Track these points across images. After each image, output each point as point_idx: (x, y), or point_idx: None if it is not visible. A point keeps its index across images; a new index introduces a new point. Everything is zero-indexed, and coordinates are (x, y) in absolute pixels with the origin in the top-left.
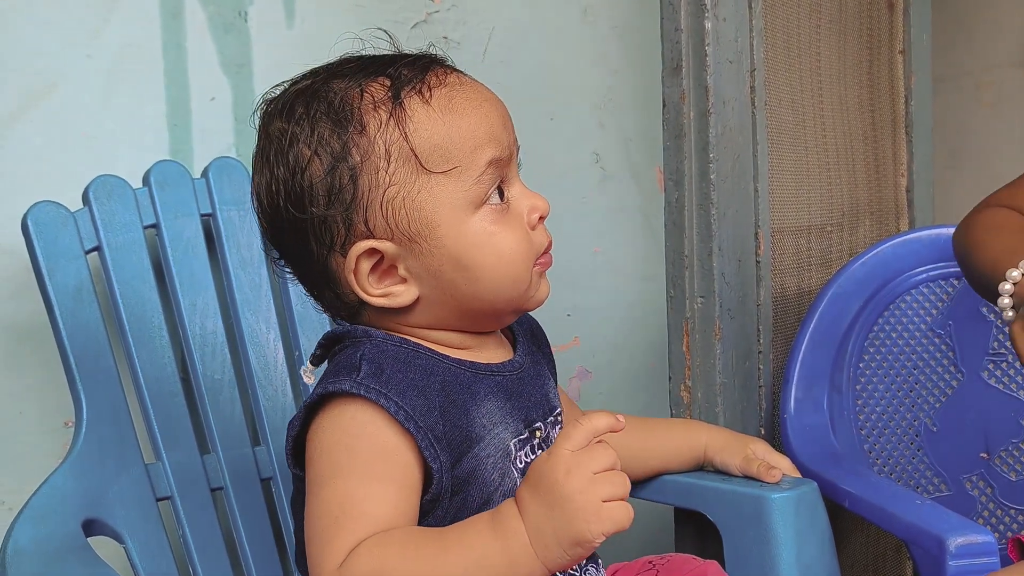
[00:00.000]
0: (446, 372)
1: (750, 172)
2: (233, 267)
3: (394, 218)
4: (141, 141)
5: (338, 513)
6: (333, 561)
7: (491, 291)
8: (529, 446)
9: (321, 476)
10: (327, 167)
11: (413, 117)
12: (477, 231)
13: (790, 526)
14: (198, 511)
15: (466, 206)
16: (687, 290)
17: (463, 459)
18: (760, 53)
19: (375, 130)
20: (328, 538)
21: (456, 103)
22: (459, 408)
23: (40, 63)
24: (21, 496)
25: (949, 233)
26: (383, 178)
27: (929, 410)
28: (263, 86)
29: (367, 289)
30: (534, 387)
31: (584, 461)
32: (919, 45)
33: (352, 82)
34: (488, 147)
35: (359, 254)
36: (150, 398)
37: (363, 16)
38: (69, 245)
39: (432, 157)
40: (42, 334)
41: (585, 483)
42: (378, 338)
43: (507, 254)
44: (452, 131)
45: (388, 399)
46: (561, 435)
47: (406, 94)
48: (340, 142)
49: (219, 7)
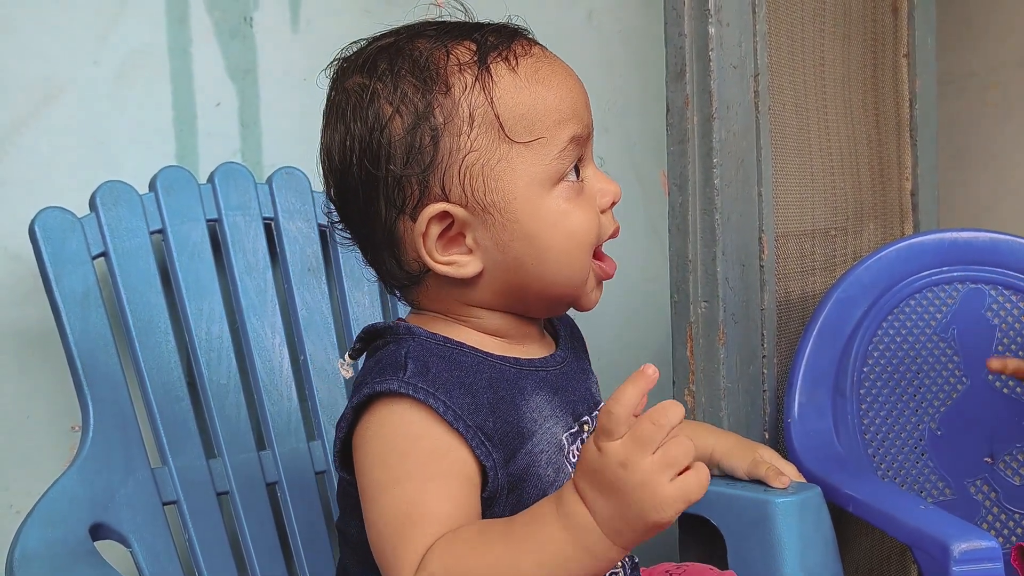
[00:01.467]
0: (492, 369)
1: (754, 176)
2: (239, 272)
3: (471, 185)
4: (147, 146)
5: (403, 519)
6: (406, 569)
7: (554, 273)
8: (579, 440)
9: (378, 483)
10: (408, 125)
11: (499, 83)
12: (552, 209)
13: (794, 531)
14: (204, 515)
15: (544, 181)
16: (691, 294)
17: (516, 455)
18: (764, 58)
19: (460, 92)
20: (396, 546)
21: (542, 74)
22: (508, 404)
23: (47, 69)
24: (28, 500)
25: (954, 237)
26: (464, 142)
27: (933, 414)
28: (269, 91)
29: (433, 255)
30: (578, 381)
31: (635, 449)
32: (923, 48)
33: (437, 43)
34: (571, 122)
35: (431, 216)
36: (156, 403)
37: (369, 21)
38: (76, 250)
39: (516, 126)
40: (49, 339)
41: (645, 473)
42: (421, 336)
43: (578, 234)
44: (537, 102)
45: (436, 399)
46: (600, 429)
47: (492, 59)
48: (424, 101)
49: (225, 13)
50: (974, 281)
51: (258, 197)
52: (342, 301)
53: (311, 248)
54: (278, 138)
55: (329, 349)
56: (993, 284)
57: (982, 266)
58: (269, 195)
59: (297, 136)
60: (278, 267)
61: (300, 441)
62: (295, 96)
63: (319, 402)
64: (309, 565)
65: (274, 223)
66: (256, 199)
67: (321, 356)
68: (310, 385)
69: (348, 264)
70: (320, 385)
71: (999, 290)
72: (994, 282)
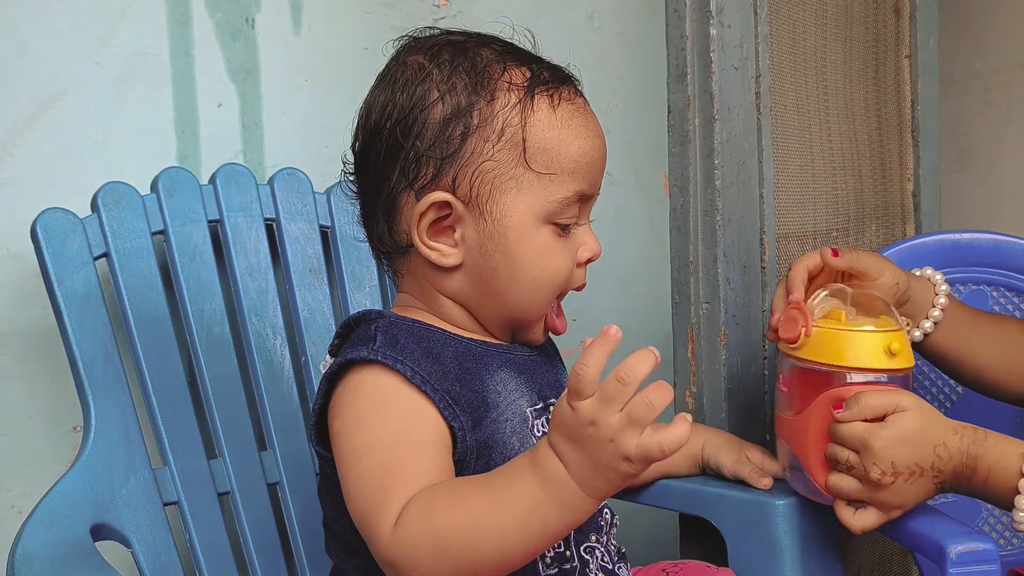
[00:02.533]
0: (458, 344)
1: (755, 178)
2: (240, 273)
3: (478, 188)
4: (149, 148)
5: (382, 476)
6: (387, 525)
7: (518, 295)
8: (545, 417)
9: (355, 447)
10: (446, 114)
11: (536, 113)
12: (537, 242)
13: (794, 532)
14: (205, 515)
15: (540, 215)
16: (692, 296)
17: (482, 423)
18: (765, 59)
19: (501, 106)
20: (378, 504)
21: (575, 124)
22: (473, 375)
23: (49, 70)
24: (30, 500)
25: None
26: (487, 150)
27: None
28: (270, 93)
29: (423, 236)
30: (546, 370)
31: (603, 407)
32: (926, 49)
33: (499, 57)
34: (583, 179)
35: (434, 201)
36: (158, 403)
37: (370, 23)
38: (78, 251)
39: (536, 156)
40: (50, 339)
41: (612, 430)
42: (392, 317)
43: (549, 273)
44: (562, 145)
45: (404, 364)
46: (570, 389)
47: (539, 91)
48: (468, 100)
49: (226, 14)
50: (976, 282)
51: (259, 198)
52: (343, 302)
53: (312, 249)
54: (279, 139)
55: None
56: (995, 286)
57: (984, 267)
58: (271, 196)
59: (298, 137)
60: (279, 268)
61: (301, 441)
62: (296, 97)
63: None
64: (309, 566)
65: (275, 224)
66: (257, 200)
67: (322, 357)
68: (311, 386)
69: (349, 265)
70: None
71: (1001, 291)
72: (996, 283)
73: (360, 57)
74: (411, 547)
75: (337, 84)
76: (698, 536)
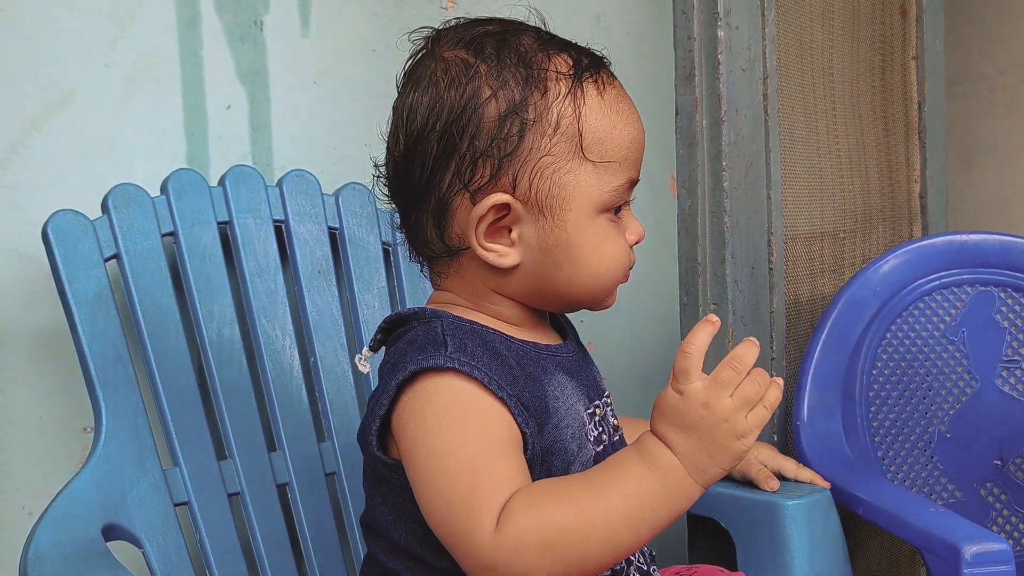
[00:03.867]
0: (517, 348)
1: (763, 179)
2: (249, 274)
3: (538, 184)
4: (159, 149)
5: (471, 481)
6: (486, 528)
7: (583, 284)
8: (594, 421)
9: (435, 452)
10: (502, 112)
11: (587, 102)
12: (596, 231)
13: (803, 533)
14: (215, 516)
15: (597, 204)
16: (700, 297)
17: (545, 428)
18: (773, 61)
19: (554, 98)
20: (469, 508)
21: (622, 110)
22: (534, 380)
23: (59, 73)
24: (40, 501)
25: (963, 239)
26: (545, 144)
27: (943, 417)
28: (279, 95)
29: (480, 239)
30: (586, 369)
31: (716, 391)
32: (932, 50)
33: (540, 46)
34: (632, 165)
35: (495, 204)
36: (168, 404)
37: (378, 24)
38: (89, 253)
39: (592, 145)
40: (61, 340)
41: (727, 411)
42: (449, 318)
43: (610, 261)
44: (614, 132)
45: (480, 371)
46: (679, 371)
47: (586, 79)
48: (522, 95)
49: (235, 16)
50: (983, 284)
51: (268, 200)
52: (352, 303)
53: (321, 251)
54: (288, 141)
55: (339, 351)
56: (1003, 287)
57: (992, 268)
58: (279, 198)
59: (307, 139)
60: (288, 269)
61: (311, 442)
62: (305, 99)
63: (329, 404)
64: (319, 565)
65: (284, 226)
66: (267, 202)
67: (331, 358)
68: (320, 387)
69: (358, 266)
70: (330, 387)
71: (1008, 292)
72: (1004, 284)
73: (368, 58)
74: (517, 547)
75: (345, 85)
76: (707, 537)
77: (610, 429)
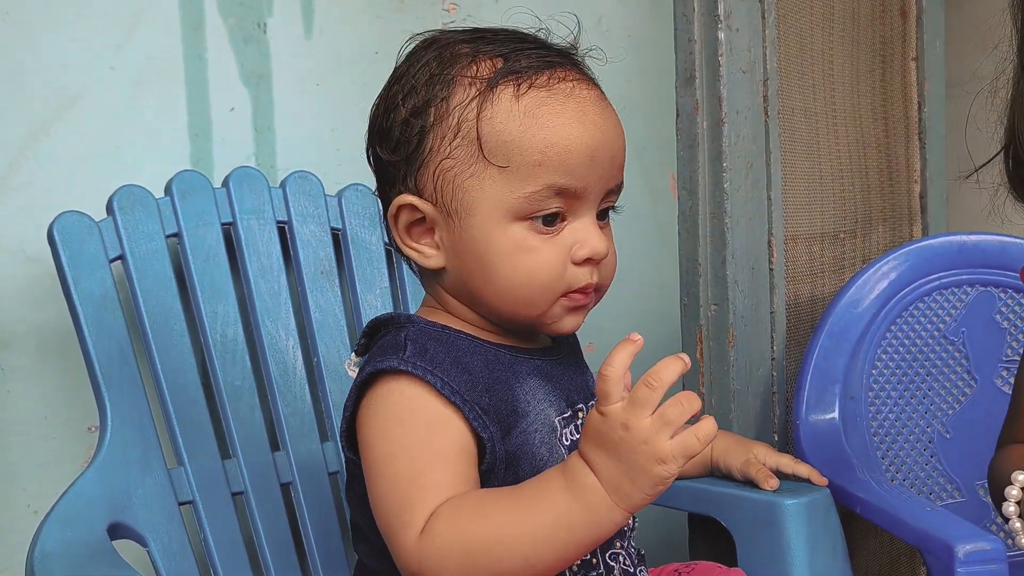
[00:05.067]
0: (487, 352)
1: (763, 181)
2: (253, 275)
3: (441, 188)
4: (163, 151)
5: (406, 487)
6: (411, 534)
7: (499, 298)
8: (573, 425)
9: (381, 455)
10: (406, 116)
11: (495, 106)
12: (506, 239)
13: (803, 532)
14: (219, 515)
15: (507, 211)
16: (701, 298)
17: (511, 433)
18: (773, 63)
19: (458, 102)
20: (401, 512)
21: (545, 112)
22: (503, 384)
23: (65, 75)
24: (46, 500)
25: (963, 240)
26: (445, 148)
27: (942, 417)
28: (282, 97)
29: (403, 239)
30: (573, 374)
31: (634, 411)
32: (932, 51)
33: (473, 50)
34: (553, 172)
35: (400, 205)
36: (172, 404)
37: (381, 27)
38: (94, 254)
39: (495, 149)
40: (66, 340)
41: (647, 432)
42: (421, 323)
43: (526, 273)
44: (524, 135)
45: (434, 375)
46: (599, 393)
47: (503, 82)
48: (424, 99)
49: (239, 19)
50: (983, 284)
51: (272, 201)
52: (355, 304)
53: (324, 251)
54: (292, 143)
55: (342, 351)
56: (1003, 287)
57: (992, 269)
58: (283, 199)
59: (310, 141)
60: (292, 270)
61: (314, 442)
62: (308, 101)
63: (332, 403)
64: (323, 564)
65: (288, 227)
66: (270, 203)
67: (334, 358)
68: (323, 387)
69: (361, 267)
70: (333, 387)
71: (1009, 293)
72: (1004, 285)
73: (371, 61)
74: (437, 558)
75: (348, 88)
76: (707, 536)
77: None
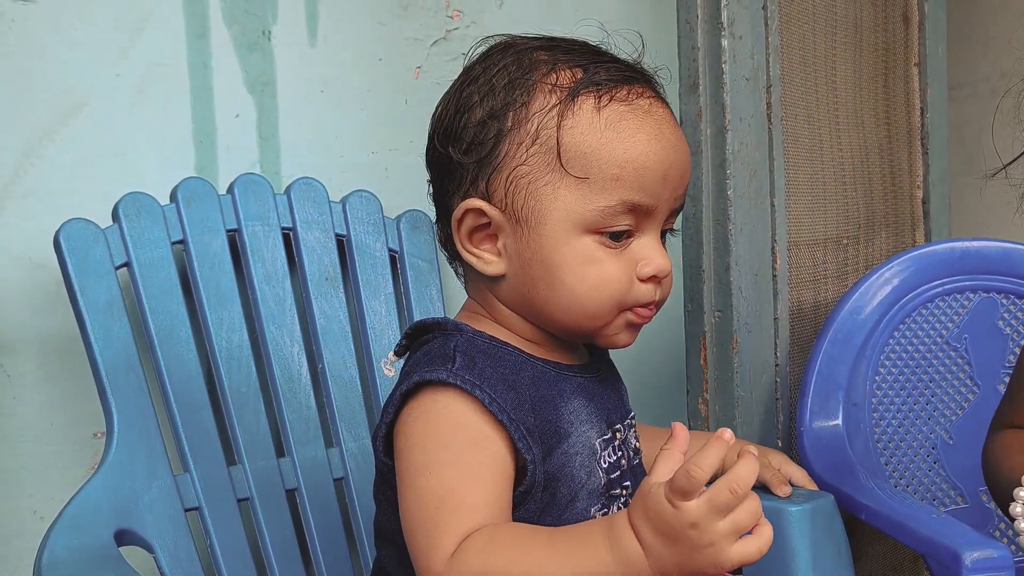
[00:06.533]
0: (534, 369)
1: (766, 187)
2: (258, 281)
3: (513, 194)
4: (168, 158)
5: (437, 504)
6: (442, 552)
7: (563, 309)
8: (611, 447)
9: (416, 466)
10: (482, 117)
11: (576, 116)
12: (575, 251)
13: (807, 538)
14: (225, 521)
15: (579, 222)
16: (705, 304)
17: (553, 454)
18: (776, 70)
19: (537, 108)
20: (431, 529)
21: (625, 126)
22: (548, 404)
23: (70, 82)
24: (52, 505)
25: (965, 246)
26: (520, 154)
27: (946, 423)
28: (287, 104)
29: (463, 243)
30: (611, 390)
31: (710, 514)
32: (934, 57)
33: (552, 58)
34: (629, 187)
35: (468, 209)
36: (178, 410)
37: (384, 34)
38: (100, 261)
39: (573, 160)
40: (72, 347)
41: (715, 535)
42: (469, 332)
43: (592, 286)
44: (604, 148)
45: (482, 391)
46: (676, 488)
47: (584, 92)
48: (503, 102)
49: (243, 27)
50: (986, 290)
51: (276, 208)
52: (359, 310)
53: (328, 258)
54: (296, 149)
55: (347, 357)
56: (1005, 293)
57: (994, 275)
58: (287, 205)
59: (315, 147)
60: (296, 276)
61: (319, 448)
62: (313, 108)
63: (337, 410)
64: (328, 570)
65: (292, 233)
66: (275, 210)
67: (339, 364)
68: (328, 393)
69: (365, 273)
70: (338, 393)
71: (1011, 299)
72: (1006, 291)
73: (375, 67)
74: None
75: (353, 94)
76: None
77: (630, 452)
